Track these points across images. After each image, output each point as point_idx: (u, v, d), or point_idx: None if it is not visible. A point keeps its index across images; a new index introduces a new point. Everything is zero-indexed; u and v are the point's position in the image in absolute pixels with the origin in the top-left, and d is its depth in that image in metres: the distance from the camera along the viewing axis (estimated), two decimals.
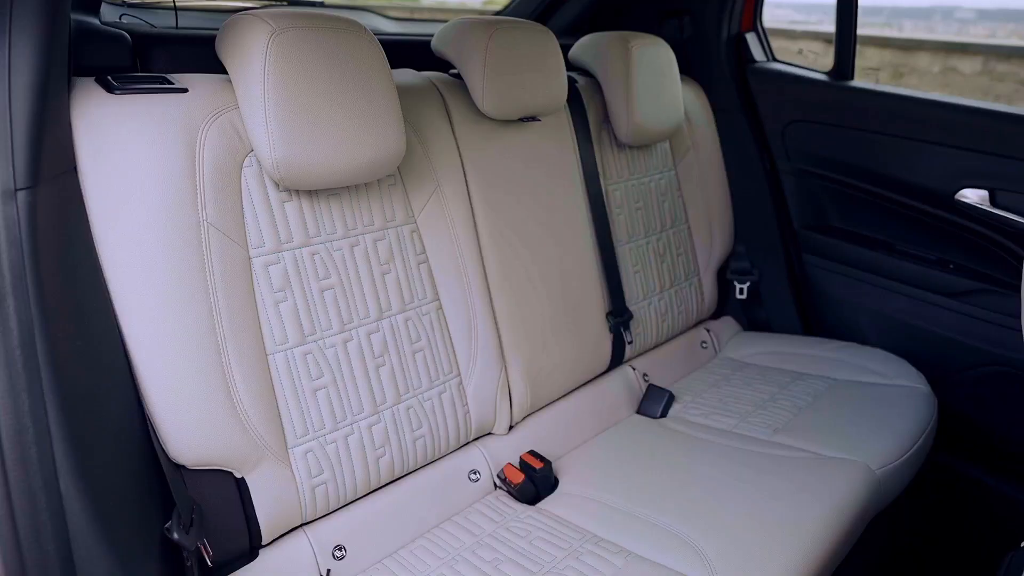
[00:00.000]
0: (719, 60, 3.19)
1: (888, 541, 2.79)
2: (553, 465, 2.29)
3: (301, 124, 1.71)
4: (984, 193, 2.60)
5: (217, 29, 1.84)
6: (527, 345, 2.34)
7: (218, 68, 1.82)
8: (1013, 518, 2.70)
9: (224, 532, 1.73)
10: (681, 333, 3.04)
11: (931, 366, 2.86)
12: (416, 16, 3.23)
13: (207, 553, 1.68)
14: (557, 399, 2.50)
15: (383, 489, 2.02)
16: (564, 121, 2.59)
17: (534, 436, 2.35)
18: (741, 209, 3.25)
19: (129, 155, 1.60)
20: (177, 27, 2.20)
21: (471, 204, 2.25)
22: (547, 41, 2.37)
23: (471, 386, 2.18)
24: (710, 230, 3.13)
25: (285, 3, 2.55)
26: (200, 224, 1.67)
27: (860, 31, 2.94)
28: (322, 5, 2.61)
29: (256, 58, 1.68)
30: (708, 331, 3.13)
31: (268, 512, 1.77)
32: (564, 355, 2.46)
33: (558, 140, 2.54)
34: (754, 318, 3.32)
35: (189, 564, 1.60)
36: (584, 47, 2.83)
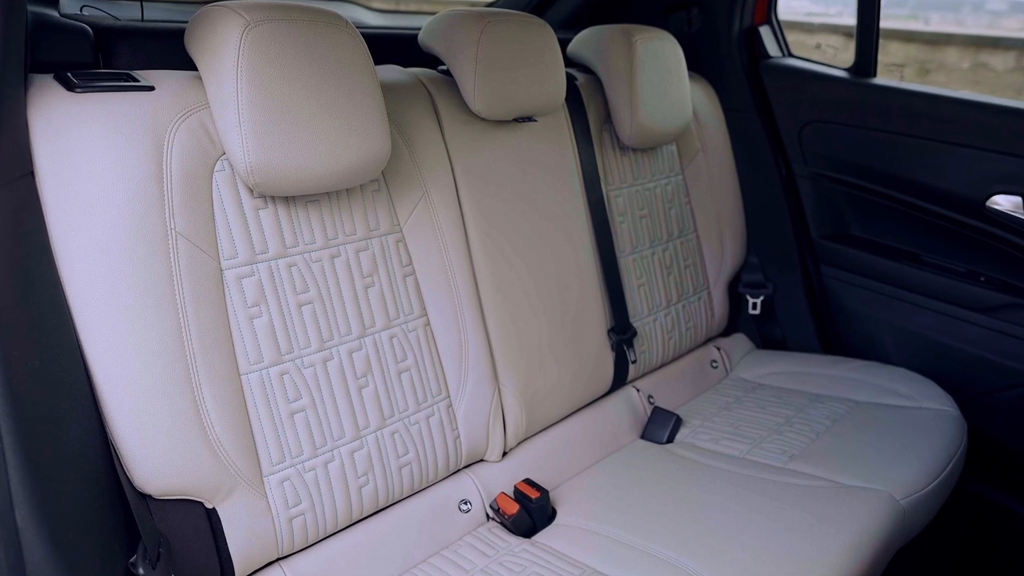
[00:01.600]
0: (730, 55, 3.20)
1: None
2: (550, 494, 2.29)
3: (277, 125, 1.72)
4: (1017, 200, 2.62)
5: (186, 22, 1.85)
6: (522, 364, 2.35)
7: (187, 64, 1.84)
8: None
9: (193, 567, 1.73)
10: (689, 351, 3.05)
11: (960, 387, 2.87)
12: (402, 8, 3.24)
13: None
14: (555, 423, 2.50)
15: (366, 520, 2.03)
16: (562, 121, 2.60)
17: (530, 463, 2.36)
18: (754, 217, 3.26)
19: (90, 158, 1.61)
20: (143, 20, 2.21)
21: (461, 212, 2.26)
22: (544, 35, 2.39)
23: (462, 409, 2.19)
24: (720, 240, 3.15)
25: None
26: (168, 233, 1.68)
27: (883, 24, 2.95)
28: None
29: (228, 53, 1.69)
30: (718, 349, 3.14)
31: (241, 545, 1.77)
32: (562, 375, 2.46)
33: (556, 142, 2.55)
34: (768, 335, 3.33)
35: None
36: (584, 41, 2.84)
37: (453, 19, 2.32)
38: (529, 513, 2.17)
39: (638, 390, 2.76)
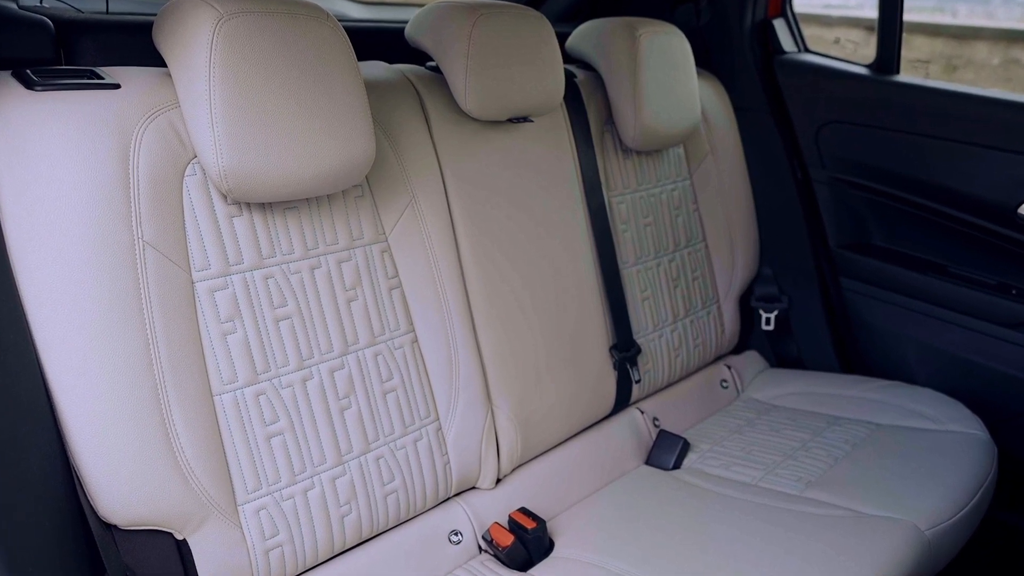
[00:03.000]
0: (742, 51, 3.22)
1: None
2: (548, 525, 2.29)
3: (252, 126, 1.73)
4: None
5: (154, 14, 1.85)
6: (517, 384, 2.35)
7: (156, 60, 1.84)
8: None
9: None
10: (697, 370, 3.06)
11: (990, 409, 2.87)
12: None
13: None
14: (552, 447, 2.51)
15: (349, 553, 2.03)
16: (560, 122, 2.61)
17: (526, 491, 2.36)
18: (767, 225, 3.27)
19: (51, 162, 1.62)
20: (108, 12, 2.21)
21: (451, 219, 2.27)
22: (541, 29, 2.40)
23: (452, 432, 2.19)
24: (731, 250, 3.16)
25: None
26: (135, 243, 1.69)
27: (907, 17, 2.97)
28: None
29: (200, 48, 1.69)
30: (729, 368, 3.15)
31: None
32: (560, 396, 2.47)
33: (553, 144, 2.57)
34: (783, 353, 3.34)
35: None
36: (584, 36, 2.85)
37: (442, 11, 2.33)
38: (525, 545, 2.17)
39: (642, 412, 2.76)
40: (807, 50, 3.29)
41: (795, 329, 3.29)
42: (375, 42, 2.58)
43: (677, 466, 2.62)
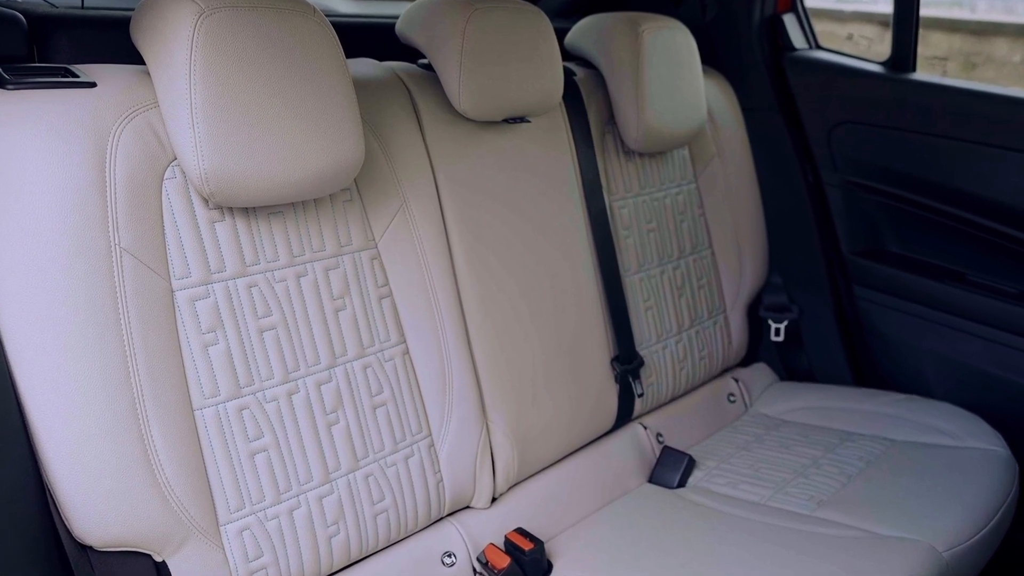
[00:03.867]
0: (750, 48, 3.22)
1: None
2: (546, 546, 2.28)
3: (235, 127, 1.73)
4: None
5: (132, 9, 1.85)
6: (513, 398, 2.35)
7: (134, 58, 1.84)
8: None
9: None
10: (703, 384, 3.06)
11: (1011, 424, 2.87)
12: None
13: None
14: (551, 465, 2.51)
15: (337, 575, 2.03)
16: (559, 122, 2.62)
17: (522, 510, 2.36)
18: (777, 231, 3.27)
19: (24, 164, 1.62)
20: (83, 7, 2.21)
21: (444, 225, 2.27)
22: (538, 24, 2.40)
23: (445, 449, 2.19)
24: (739, 257, 3.16)
25: None
26: (111, 250, 1.68)
27: (923, 12, 2.97)
28: None
29: (180, 45, 1.69)
30: (736, 381, 3.15)
31: None
32: (559, 410, 2.47)
33: (552, 146, 2.57)
34: (793, 365, 3.34)
35: None
36: (584, 32, 2.85)
37: (435, 6, 2.33)
38: (522, 567, 2.17)
39: (645, 427, 2.76)
40: (819, 47, 3.29)
41: (806, 340, 3.29)
42: (364, 38, 2.58)
43: (682, 484, 2.62)
